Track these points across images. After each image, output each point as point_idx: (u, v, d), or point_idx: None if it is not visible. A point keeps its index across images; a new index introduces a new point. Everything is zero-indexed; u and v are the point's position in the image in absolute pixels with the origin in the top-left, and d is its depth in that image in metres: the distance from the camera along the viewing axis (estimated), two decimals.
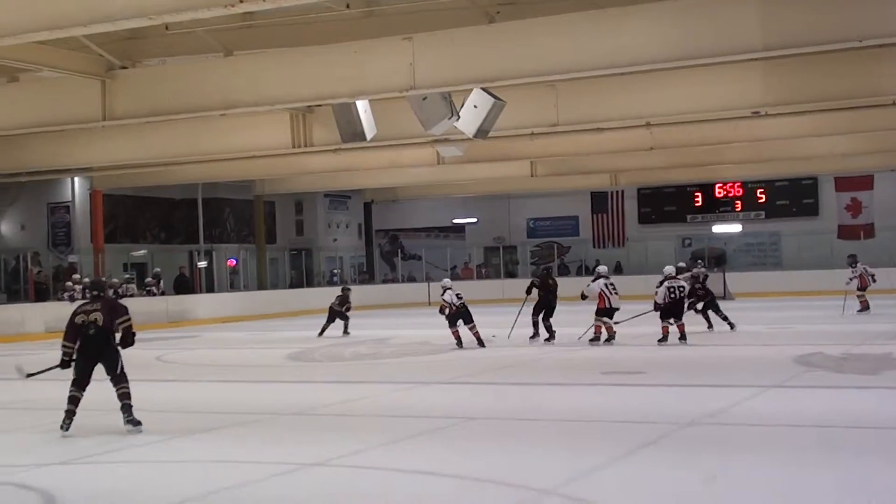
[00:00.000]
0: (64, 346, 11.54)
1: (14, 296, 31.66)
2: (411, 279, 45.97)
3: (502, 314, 32.84)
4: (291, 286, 43.00)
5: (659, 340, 20.17)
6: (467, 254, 48.61)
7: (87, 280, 27.88)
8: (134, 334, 11.55)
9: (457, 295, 21.06)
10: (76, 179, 35.97)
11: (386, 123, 20.51)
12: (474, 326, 20.96)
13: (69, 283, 30.34)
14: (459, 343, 20.85)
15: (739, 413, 11.47)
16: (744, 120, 23.94)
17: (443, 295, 20.90)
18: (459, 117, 18.22)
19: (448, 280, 22.55)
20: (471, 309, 20.83)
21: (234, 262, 41.48)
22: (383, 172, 35.73)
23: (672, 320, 20.32)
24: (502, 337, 22.11)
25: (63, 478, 9.05)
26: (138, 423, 11.29)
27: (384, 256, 49.46)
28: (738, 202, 44.57)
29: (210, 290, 38.46)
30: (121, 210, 37.98)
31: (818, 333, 21.77)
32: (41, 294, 31.24)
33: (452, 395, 14.10)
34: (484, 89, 18.11)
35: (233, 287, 40.92)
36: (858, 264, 27.61)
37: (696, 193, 44.99)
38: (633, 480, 8.20)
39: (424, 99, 17.55)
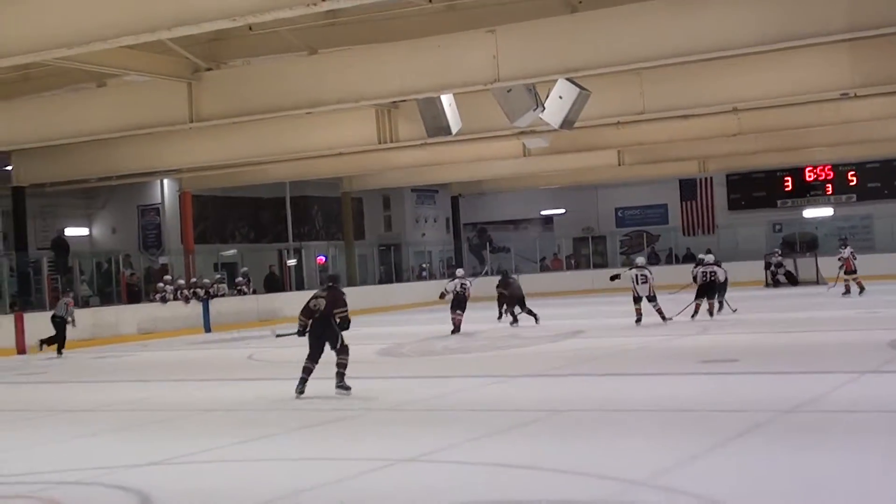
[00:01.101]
0: (300, 319, 14.25)
1: (107, 298, 32.12)
2: (500, 272, 45.68)
3: (592, 304, 32.78)
4: (381, 282, 43.16)
5: (692, 315, 23.50)
6: (556, 245, 48.42)
7: (328, 274, 27.77)
8: (349, 321, 14.12)
9: (461, 285, 24.27)
10: (165, 181, 36.44)
11: (471, 117, 20.49)
12: (461, 314, 24.01)
13: (160, 285, 30.75)
14: (457, 329, 23.75)
15: (837, 399, 11.27)
16: (832, 102, 23.58)
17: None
18: (544, 108, 18.14)
19: (461, 271, 26.38)
20: (561, 301, 21.40)
21: (324, 259, 41.70)
22: (469, 166, 35.72)
23: (703, 299, 23.80)
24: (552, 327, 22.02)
25: (156, 478, 9.11)
26: (348, 388, 13.71)
27: (473, 250, 49.44)
28: (829, 185, 43.79)
29: (300, 287, 38.66)
30: (209, 211, 38.42)
31: None
32: (133, 296, 31.70)
33: (542, 388, 14.03)
34: (568, 79, 18.01)
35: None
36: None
37: (786, 178, 44.31)
38: (731, 469, 8.06)
39: (509, 91, 17.50)
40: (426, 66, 17.19)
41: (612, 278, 24.80)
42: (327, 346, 14.04)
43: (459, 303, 24.16)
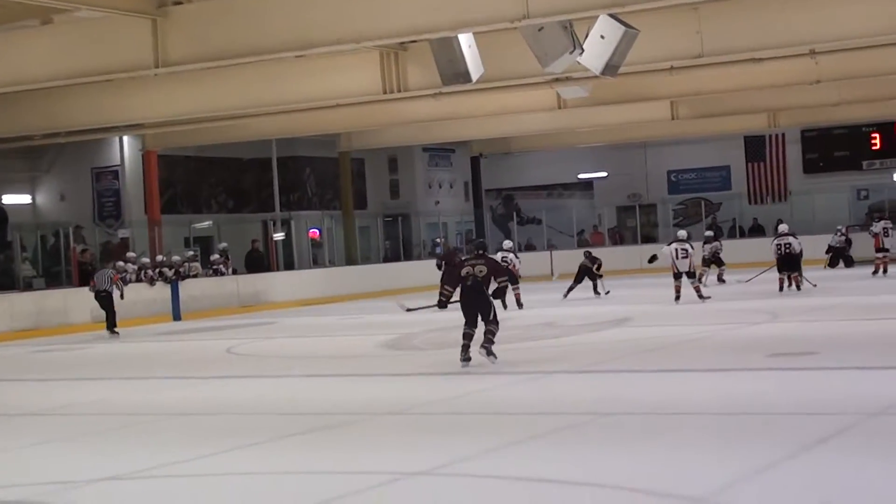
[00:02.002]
0: (445, 289, 16.31)
1: (54, 279, 32.10)
2: (530, 247, 45.79)
3: (640, 286, 32.74)
4: (386, 260, 43.20)
5: (780, 290, 27.01)
6: (597, 215, 48.42)
7: (475, 240, 30.14)
8: (505, 288, 16.84)
9: (503, 258, 26.41)
10: (125, 139, 36.45)
11: (495, 61, 20.44)
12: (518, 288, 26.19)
13: (121, 263, 29.89)
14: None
15: None
16: None
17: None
18: (583, 51, 18.07)
19: (508, 242, 29.95)
20: (604, 281, 22.02)
21: (317, 232, 41.74)
22: (493, 120, 35.65)
23: (786, 273, 27.19)
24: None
25: (118, 496, 9.13)
26: (494, 355, 15.60)
27: (497, 221, 49.45)
28: None
29: (289, 267, 38.82)
30: (180, 174, 38.49)
31: None
32: (86, 277, 31.56)
33: (584, 387, 14.03)
34: (612, 15, 17.91)
35: (316, 263, 41.23)
36: None
37: (874, 134, 44.25)
38: (807, 485, 8.04)
39: (541, 30, 17.43)
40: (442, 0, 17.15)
41: (651, 259, 27.29)
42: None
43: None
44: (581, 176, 49.52)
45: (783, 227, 28.62)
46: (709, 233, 34.13)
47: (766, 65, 24.86)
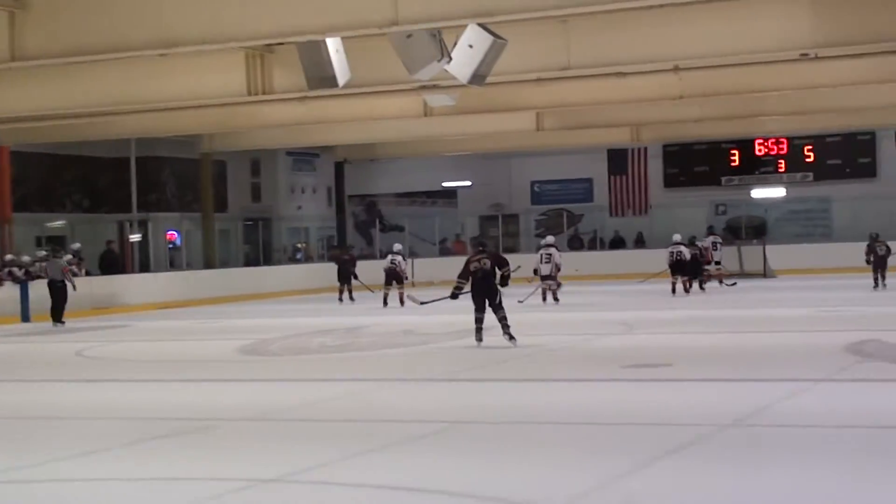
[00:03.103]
0: (459, 282, 19.18)
1: None
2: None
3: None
4: (246, 264, 42.89)
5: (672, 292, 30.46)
6: (459, 224, 48.57)
7: (476, 238, 32.97)
8: (509, 276, 19.18)
9: (391, 260, 30.50)
10: None
11: (362, 66, 20.41)
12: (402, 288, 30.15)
13: None
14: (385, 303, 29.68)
15: (786, 411, 11.51)
16: (790, 63, 23.89)
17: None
18: (451, 59, 18.13)
19: (398, 246, 32.55)
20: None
21: (175, 234, 41.30)
22: (358, 126, 35.54)
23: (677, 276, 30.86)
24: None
25: None
26: (514, 338, 18.28)
27: (359, 227, 49.40)
28: (782, 162, 44.62)
29: (145, 269, 38.34)
30: (33, 171, 37.65)
31: (875, 317, 21.89)
32: None
33: (441, 395, 14.07)
34: (481, 25, 18.01)
35: (173, 266, 40.78)
36: None
37: (733, 151, 45.00)
38: (662, 494, 8.17)
39: (409, 37, 17.46)
40: (309, 3, 17.08)
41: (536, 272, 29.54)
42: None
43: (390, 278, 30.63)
44: (445, 184, 49.61)
45: (676, 237, 31.91)
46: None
47: (631, 79, 25.17)
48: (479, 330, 18.66)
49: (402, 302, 29.79)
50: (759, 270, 37.18)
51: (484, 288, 18.63)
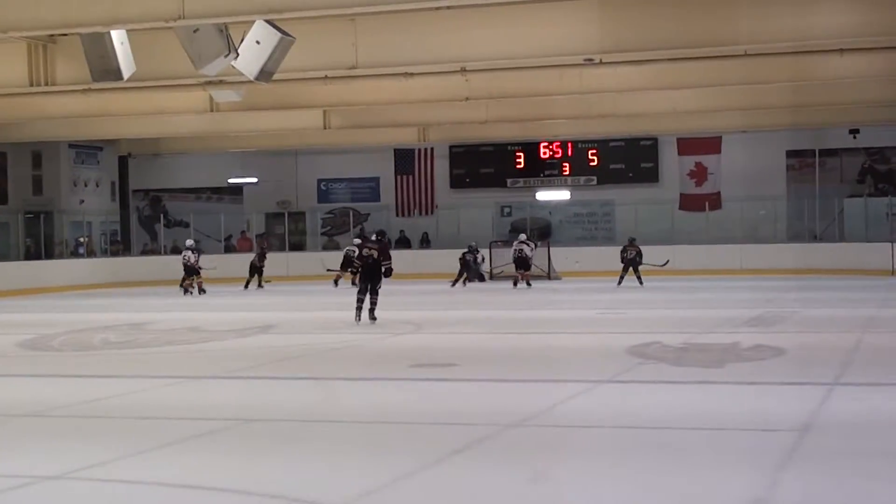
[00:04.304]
0: (356, 263, 23.49)
1: None
2: (176, 250, 45.22)
3: (285, 293, 32.87)
4: (27, 257, 41.85)
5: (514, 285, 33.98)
6: (245, 221, 48.21)
7: (378, 231, 28.89)
8: (391, 270, 22.06)
9: (185, 256, 32.87)
10: None
11: (148, 60, 20.16)
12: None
13: None
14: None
15: (568, 412, 11.65)
16: (575, 68, 24.35)
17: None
18: (238, 55, 18.02)
19: (190, 241, 34.83)
20: (236, 288, 22.26)
21: None
22: (144, 120, 35.05)
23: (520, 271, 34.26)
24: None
25: None
26: (375, 319, 21.65)
27: (143, 222, 48.65)
28: (567, 165, 45.33)
29: None
30: None
31: (656, 320, 22.41)
32: None
33: (228, 392, 13.92)
34: (268, 21, 17.92)
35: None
36: None
37: (518, 153, 45.56)
38: (446, 492, 8.21)
39: (196, 31, 17.29)
40: None
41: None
42: None
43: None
44: (231, 181, 49.16)
45: (522, 237, 35.72)
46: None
47: (419, 80, 25.35)
48: (359, 310, 21.74)
49: (200, 291, 33.82)
50: (545, 272, 37.67)
51: (369, 273, 21.77)
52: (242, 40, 18.13)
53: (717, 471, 8.69)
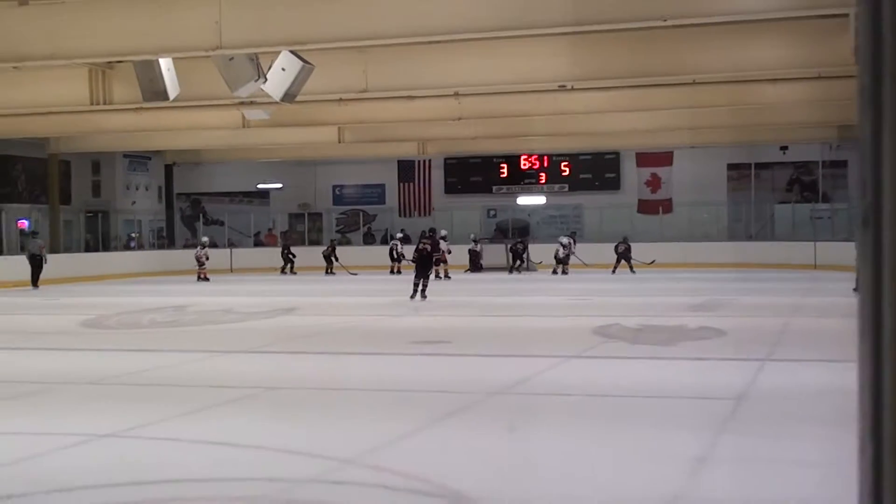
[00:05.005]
0: (414, 255, 24.53)
1: None
2: (213, 245, 45.24)
3: (306, 282, 32.85)
4: (87, 250, 41.77)
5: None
6: (271, 220, 48.16)
7: (430, 228, 35.00)
8: (435, 261, 24.94)
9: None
10: None
11: (190, 83, 20.12)
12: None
13: None
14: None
15: (542, 383, 11.66)
16: (550, 93, 24.34)
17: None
18: (266, 80, 18.01)
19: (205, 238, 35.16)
20: (274, 277, 21.81)
21: (26, 223, 39.96)
22: (186, 134, 35.01)
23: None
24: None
25: None
26: (425, 297, 23.01)
27: (185, 221, 48.56)
28: (543, 174, 45.31)
29: None
30: None
31: (617, 305, 22.42)
32: None
33: (255, 365, 13.91)
34: (292, 52, 17.91)
35: (23, 250, 39.34)
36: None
37: (502, 165, 45.54)
38: (440, 449, 8.21)
39: (231, 59, 17.29)
40: (145, 27, 16.73)
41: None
42: None
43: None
44: (260, 186, 49.06)
45: (563, 239, 35.44)
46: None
47: (419, 102, 25.33)
48: (415, 291, 23.50)
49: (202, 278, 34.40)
50: (525, 265, 37.71)
51: (423, 262, 23.78)
52: (270, 67, 18.11)
53: (666, 431, 8.72)
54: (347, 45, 18.05)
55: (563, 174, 44.98)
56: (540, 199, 45.38)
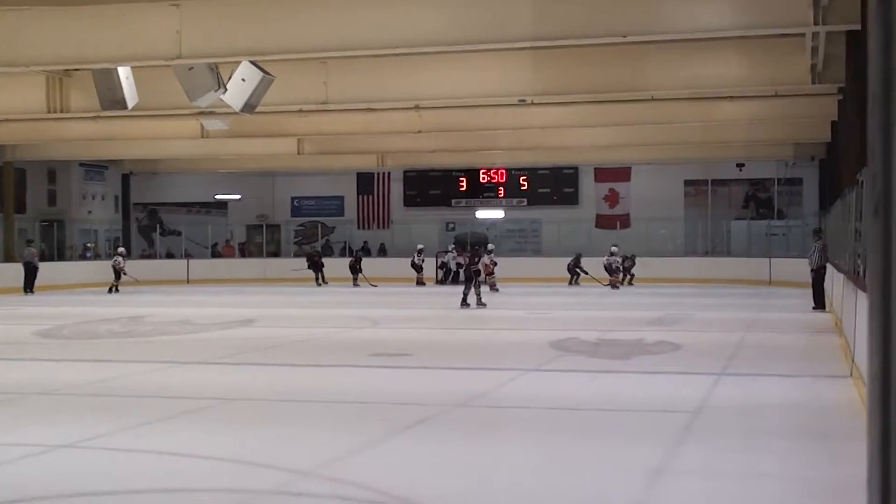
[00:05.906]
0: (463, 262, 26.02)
1: None
2: (170, 255, 45.11)
3: (264, 293, 32.75)
4: (42, 259, 41.37)
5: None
6: (229, 231, 47.99)
7: (474, 244, 34.18)
8: (479, 271, 25.65)
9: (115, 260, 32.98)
10: None
11: (149, 92, 20.07)
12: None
13: None
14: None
15: (503, 395, 11.69)
16: (510, 107, 24.45)
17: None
18: (226, 90, 17.99)
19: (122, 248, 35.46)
20: (233, 288, 21.41)
21: None
22: (144, 143, 34.84)
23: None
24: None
25: None
26: (482, 304, 24.88)
27: (142, 231, 48.29)
28: (502, 188, 45.42)
29: None
30: None
31: (574, 319, 22.50)
32: None
33: (213, 376, 13.86)
34: (253, 62, 17.90)
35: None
36: None
37: (461, 178, 45.61)
38: (401, 460, 8.20)
39: (190, 69, 17.25)
40: (106, 35, 16.68)
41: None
42: None
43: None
44: (218, 196, 48.91)
45: (613, 248, 35.33)
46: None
47: (379, 114, 25.40)
48: (464, 299, 25.17)
49: (111, 290, 34.42)
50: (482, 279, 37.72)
51: (469, 273, 25.55)
52: (230, 78, 18.09)
53: (624, 442, 8.76)
54: (308, 56, 18.06)
55: (522, 188, 45.10)
56: (499, 213, 45.50)
